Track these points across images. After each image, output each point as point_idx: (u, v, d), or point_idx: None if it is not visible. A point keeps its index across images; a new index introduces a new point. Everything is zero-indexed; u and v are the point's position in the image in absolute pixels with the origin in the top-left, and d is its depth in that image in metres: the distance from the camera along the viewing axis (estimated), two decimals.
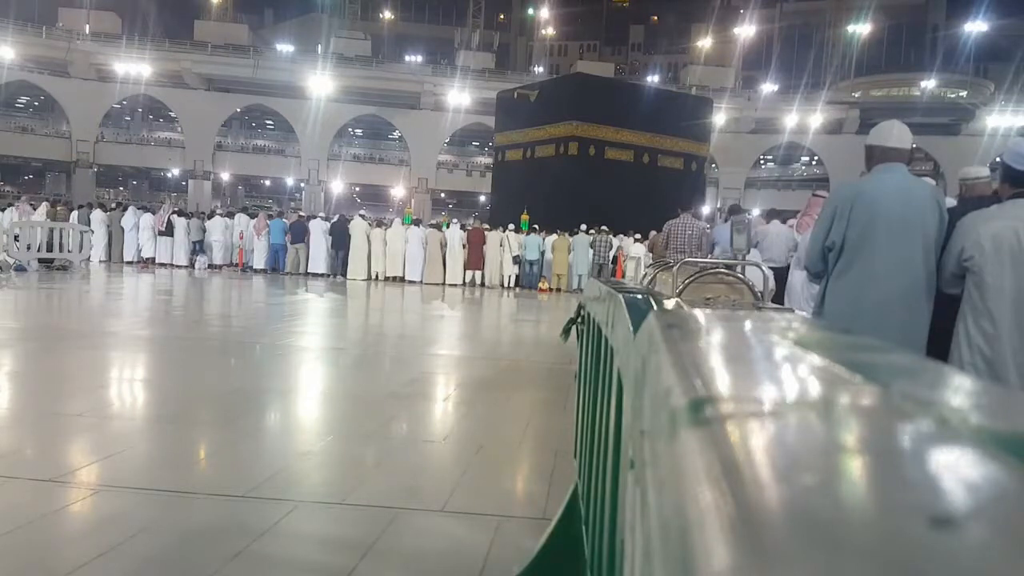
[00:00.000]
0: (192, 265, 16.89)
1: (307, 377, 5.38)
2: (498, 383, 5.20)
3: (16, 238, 13.93)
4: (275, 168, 40.25)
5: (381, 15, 49.93)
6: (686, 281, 3.05)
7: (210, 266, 16.87)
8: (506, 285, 16.12)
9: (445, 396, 4.84)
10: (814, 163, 41.08)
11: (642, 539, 0.45)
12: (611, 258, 15.97)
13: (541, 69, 46.31)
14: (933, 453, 0.33)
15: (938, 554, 0.23)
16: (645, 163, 20.12)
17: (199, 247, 17.09)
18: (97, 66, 35.86)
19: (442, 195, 41.97)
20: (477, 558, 2.27)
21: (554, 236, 15.95)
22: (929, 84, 40.55)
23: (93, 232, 15.75)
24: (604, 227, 16.02)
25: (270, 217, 17.37)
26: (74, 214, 16.94)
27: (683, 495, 0.30)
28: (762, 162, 42.04)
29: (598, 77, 26.89)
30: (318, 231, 16.26)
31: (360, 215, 16.83)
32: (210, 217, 17.97)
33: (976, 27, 42.59)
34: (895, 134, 2.90)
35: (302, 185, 39.28)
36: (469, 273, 15.94)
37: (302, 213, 21.19)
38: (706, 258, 5.33)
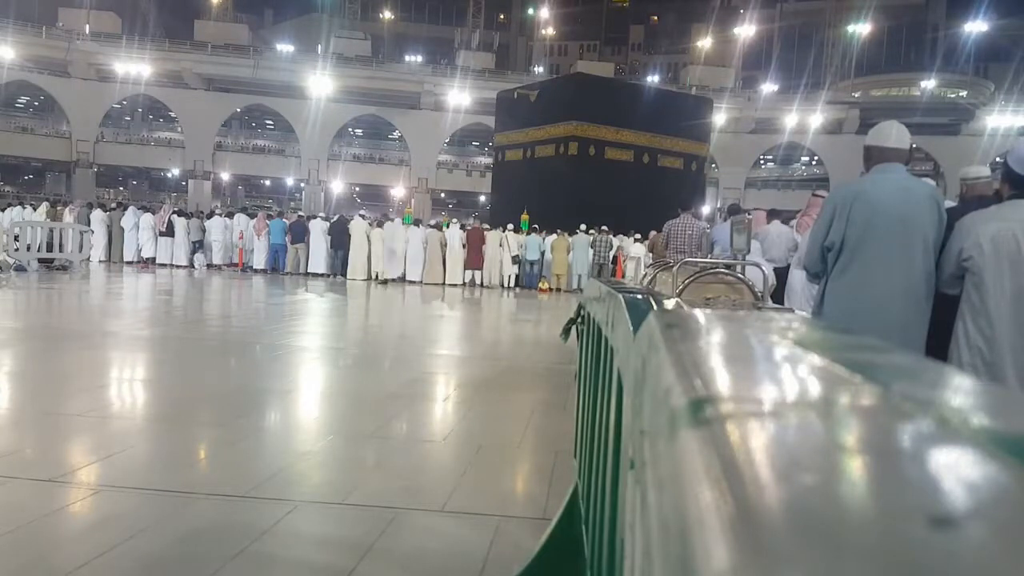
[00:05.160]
0: (192, 265, 16.90)
1: (307, 377, 5.38)
2: (498, 383, 5.20)
3: (16, 238, 13.94)
4: (275, 168, 40.28)
5: (381, 15, 49.96)
6: (686, 281, 3.05)
7: (209, 266, 16.87)
8: (506, 285, 16.13)
9: (445, 396, 4.84)
10: (814, 163, 41.11)
11: (642, 539, 0.45)
12: (611, 258, 15.97)
13: (541, 69, 46.34)
14: (933, 453, 0.33)
15: (938, 554, 0.23)
16: (645, 163, 20.12)
17: (198, 247, 17.10)
18: (97, 66, 35.89)
19: (442, 195, 42.00)
20: (477, 558, 2.27)
21: (554, 236, 15.96)
22: (929, 84, 40.58)
23: (93, 232, 15.75)
24: (604, 227, 16.02)
25: (270, 217, 17.37)
26: (73, 213, 16.94)
27: (683, 495, 0.30)
28: (762, 162, 42.06)
29: (598, 77, 26.89)
30: (318, 231, 16.27)
31: (360, 215, 16.83)
32: (210, 217, 17.97)
33: (976, 27, 42.62)
34: (894, 134, 2.91)
35: (302, 185, 39.31)
36: (468, 273, 15.94)
37: (302, 213, 21.19)
38: (706, 258, 5.32)
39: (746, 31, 45.30)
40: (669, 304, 1.33)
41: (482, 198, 37.29)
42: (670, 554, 0.30)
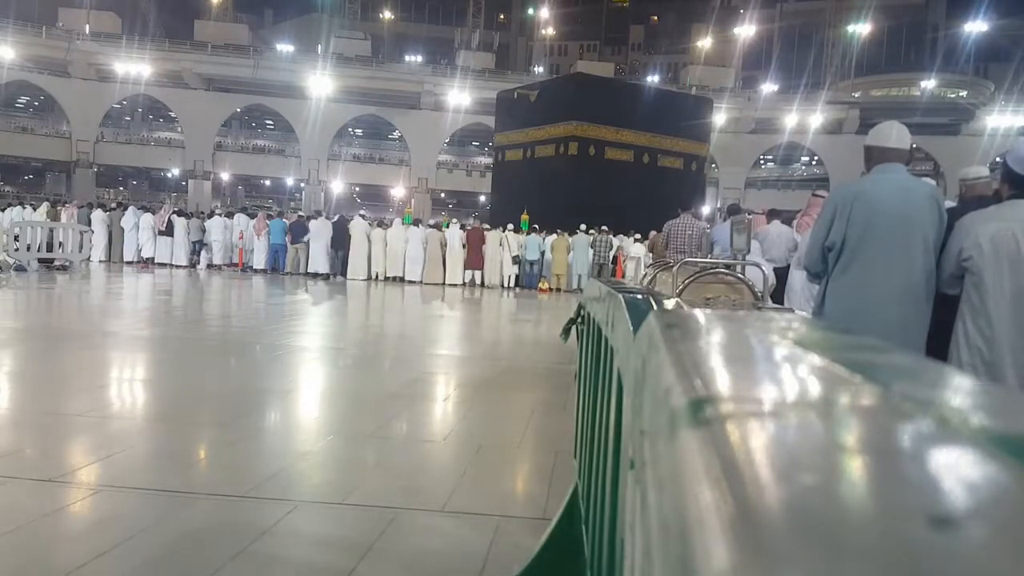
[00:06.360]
0: (192, 265, 16.91)
1: (307, 377, 5.38)
2: (498, 383, 5.20)
3: (16, 238, 13.94)
4: (275, 168, 40.27)
5: (381, 15, 49.95)
6: (686, 281, 3.05)
7: (210, 265, 16.88)
8: (506, 285, 16.12)
9: (445, 396, 4.84)
10: (814, 163, 41.10)
11: (642, 539, 0.45)
12: (611, 258, 15.97)
13: (541, 69, 46.32)
14: (933, 453, 0.33)
15: (938, 554, 0.23)
16: (645, 163, 20.12)
17: (198, 247, 17.11)
18: (97, 66, 35.88)
19: (442, 195, 41.99)
20: (477, 558, 2.27)
21: (554, 236, 15.96)
22: (929, 84, 40.59)
23: (93, 232, 15.75)
24: (604, 227, 16.02)
25: (270, 217, 17.37)
26: (73, 213, 16.92)
27: (683, 495, 0.30)
28: (762, 162, 42.06)
29: (598, 77, 26.89)
30: (318, 231, 16.27)
31: (360, 215, 16.84)
32: (210, 217, 17.98)
33: (976, 27, 42.62)
34: (894, 135, 2.91)
35: (302, 185, 39.30)
36: (468, 273, 15.94)
37: (302, 213, 21.18)
38: (706, 258, 5.32)
39: (746, 31, 45.30)
40: (669, 304, 1.33)
41: (482, 198, 37.28)
42: (670, 554, 0.30)
